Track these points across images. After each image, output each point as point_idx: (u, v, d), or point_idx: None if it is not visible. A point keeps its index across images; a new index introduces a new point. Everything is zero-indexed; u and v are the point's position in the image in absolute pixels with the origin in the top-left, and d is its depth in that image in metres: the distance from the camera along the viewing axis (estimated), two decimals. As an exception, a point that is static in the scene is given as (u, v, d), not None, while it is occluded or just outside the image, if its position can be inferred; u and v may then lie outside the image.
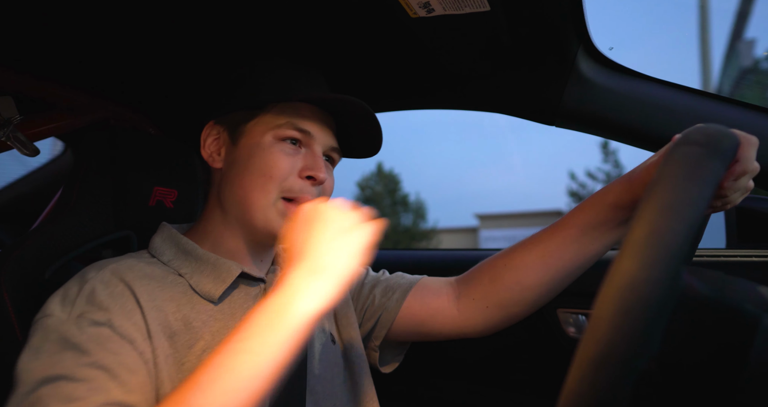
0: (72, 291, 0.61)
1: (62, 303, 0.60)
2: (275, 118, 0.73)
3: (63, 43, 0.79)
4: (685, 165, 0.38)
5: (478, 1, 0.70)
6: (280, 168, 0.71)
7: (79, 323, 0.57)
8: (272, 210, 0.71)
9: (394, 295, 0.87)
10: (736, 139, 0.45)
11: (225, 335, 0.67)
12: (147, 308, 0.62)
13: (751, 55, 8.83)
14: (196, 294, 0.69)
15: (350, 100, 0.74)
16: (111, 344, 0.57)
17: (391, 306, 0.86)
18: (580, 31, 0.84)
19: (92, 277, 0.62)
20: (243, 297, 0.73)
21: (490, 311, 0.82)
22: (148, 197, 0.92)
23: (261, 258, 0.78)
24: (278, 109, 0.74)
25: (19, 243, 0.79)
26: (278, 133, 0.73)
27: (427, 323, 0.85)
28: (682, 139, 0.42)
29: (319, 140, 0.75)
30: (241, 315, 0.70)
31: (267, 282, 0.76)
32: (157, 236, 0.76)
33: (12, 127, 0.84)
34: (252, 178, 0.71)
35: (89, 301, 0.59)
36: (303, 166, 0.73)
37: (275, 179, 0.71)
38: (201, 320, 0.66)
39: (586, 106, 0.92)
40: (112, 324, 0.58)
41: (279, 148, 0.72)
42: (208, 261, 0.71)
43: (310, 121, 0.74)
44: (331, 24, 0.81)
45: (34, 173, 1.52)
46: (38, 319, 0.60)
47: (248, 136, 0.74)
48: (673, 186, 0.36)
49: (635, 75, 0.91)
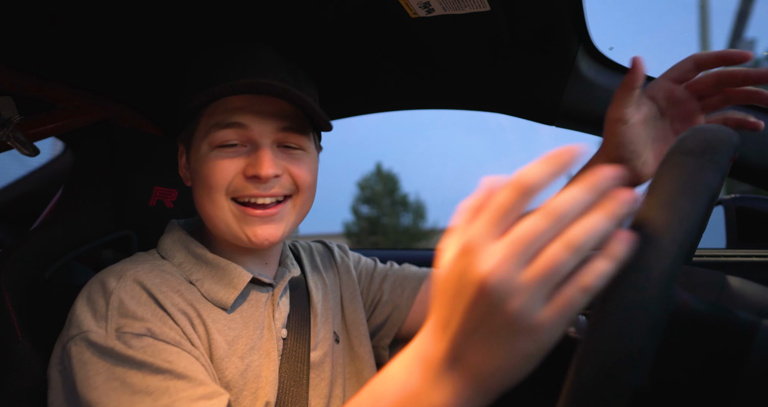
0: (99, 304, 0.60)
1: (95, 318, 0.59)
2: (206, 122, 0.67)
3: (63, 42, 0.79)
4: (678, 179, 0.37)
5: (478, 1, 0.70)
6: (219, 175, 0.65)
7: (121, 338, 0.57)
8: (230, 218, 0.67)
9: (405, 291, 0.85)
10: (736, 140, 0.45)
11: (240, 344, 0.67)
12: (174, 314, 0.62)
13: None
14: (209, 303, 0.68)
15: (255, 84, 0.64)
16: (160, 351, 0.56)
17: (402, 304, 0.85)
18: (580, 31, 0.84)
19: (115, 288, 0.61)
20: (254, 305, 0.71)
21: None
22: (148, 197, 0.92)
23: (264, 262, 0.76)
24: (208, 112, 0.67)
25: (19, 243, 0.79)
26: (211, 139, 0.66)
27: None
28: (677, 146, 0.41)
29: (260, 129, 0.66)
30: (254, 324, 0.70)
31: (276, 287, 0.75)
32: (167, 237, 0.74)
33: (12, 127, 0.84)
34: (200, 192, 0.68)
35: (122, 314, 0.58)
36: (245, 166, 0.66)
37: (218, 187, 0.66)
38: (217, 328, 0.66)
39: (586, 106, 0.92)
40: (153, 332, 0.58)
41: (214, 155, 0.66)
42: (218, 266, 0.70)
43: (241, 112, 0.66)
44: (332, 24, 0.81)
45: (34, 173, 1.52)
46: (75, 335, 0.58)
47: (193, 150, 0.70)
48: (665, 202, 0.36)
49: (635, 75, 0.90)
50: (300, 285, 0.81)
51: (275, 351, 0.70)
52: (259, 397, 0.66)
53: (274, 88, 0.64)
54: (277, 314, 0.73)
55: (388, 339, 0.87)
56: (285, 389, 0.68)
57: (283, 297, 0.75)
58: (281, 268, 0.78)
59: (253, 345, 0.68)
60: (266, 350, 0.69)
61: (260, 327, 0.70)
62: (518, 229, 0.32)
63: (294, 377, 0.70)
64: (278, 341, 0.71)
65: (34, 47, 0.79)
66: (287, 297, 0.76)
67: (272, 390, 0.67)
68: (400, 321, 0.85)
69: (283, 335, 0.72)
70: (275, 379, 0.68)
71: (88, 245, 0.87)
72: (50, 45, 0.79)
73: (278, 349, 0.71)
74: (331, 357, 0.77)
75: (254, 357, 0.67)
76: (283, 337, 0.72)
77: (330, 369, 0.76)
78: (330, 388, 0.75)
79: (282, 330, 0.72)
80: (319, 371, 0.74)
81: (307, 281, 0.83)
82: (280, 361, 0.70)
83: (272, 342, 0.70)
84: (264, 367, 0.68)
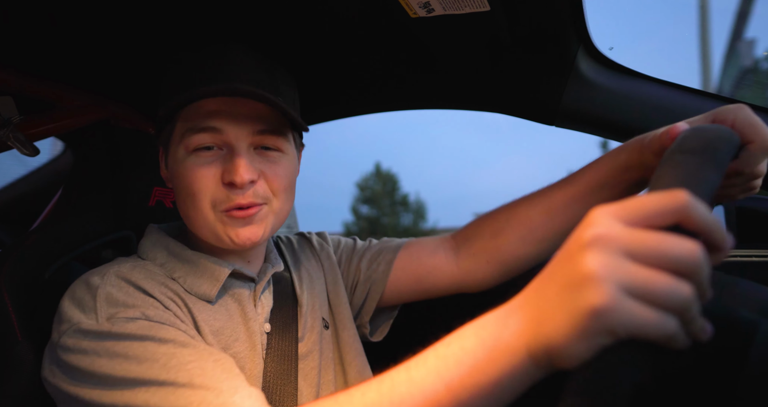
0: (86, 300, 0.60)
1: (84, 312, 0.58)
2: (182, 126, 0.66)
3: (63, 42, 0.79)
4: (680, 176, 0.38)
5: (478, 1, 0.70)
6: (199, 184, 0.65)
7: (114, 322, 0.56)
8: (216, 225, 0.67)
9: (380, 265, 0.86)
10: (736, 140, 0.45)
11: (224, 335, 0.67)
12: (165, 301, 0.63)
13: (751, 55, 8.82)
14: (193, 296, 0.68)
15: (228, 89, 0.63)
16: (159, 329, 0.56)
17: (378, 278, 0.85)
18: (580, 31, 0.84)
19: (100, 284, 0.61)
20: (237, 298, 0.72)
21: (491, 266, 0.81)
22: (148, 197, 0.92)
23: (247, 260, 0.77)
24: (183, 115, 0.67)
25: (19, 243, 0.79)
26: (186, 143, 0.65)
27: (424, 281, 0.85)
28: (678, 144, 0.41)
29: (235, 133, 0.65)
30: (237, 317, 0.70)
31: (257, 282, 0.75)
32: (146, 240, 0.74)
33: (12, 127, 0.84)
34: (182, 198, 0.68)
35: (112, 304, 0.59)
36: (222, 172, 0.65)
37: (200, 195, 0.65)
38: (202, 319, 0.66)
39: (586, 106, 0.92)
40: (147, 315, 0.58)
41: (192, 161, 0.65)
42: (198, 262, 0.70)
43: (217, 115, 0.64)
44: (332, 24, 0.81)
45: (34, 173, 1.52)
46: (66, 330, 0.58)
47: (171, 154, 0.69)
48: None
49: (635, 75, 0.90)
50: (283, 279, 0.81)
51: (258, 345, 0.70)
52: None
53: (248, 92, 0.63)
54: (260, 309, 0.73)
55: (368, 316, 0.87)
56: (270, 387, 0.68)
57: (265, 292, 0.76)
58: (265, 264, 0.78)
59: (237, 337, 0.68)
60: (251, 342, 0.69)
61: (244, 319, 0.70)
62: (657, 241, 0.32)
63: (281, 375, 0.70)
64: (261, 335, 0.71)
65: (34, 47, 0.79)
66: (270, 291, 0.76)
67: (256, 382, 0.67)
68: (378, 294, 0.85)
69: (266, 329, 0.72)
70: (259, 374, 0.68)
71: (88, 245, 0.87)
72: (50, 45, 0.79)
73: (262, 343, 0.71)
74: (320, 345, 0.78)
75: (239, 349, 0.68)
76: (266, 332, 0.72)
77: (318, 357, 0.77)
78: (318, 378, 0.75)
79: (265, 325, 0.73)
80: (309, 360, 0.75)
81: (291, 275, 0.83)
82: (264, 357, 0.70)
83: (256, 336, 0.70)
84: (248, 360, 0.68)
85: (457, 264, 0.83)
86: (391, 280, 0.85)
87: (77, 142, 1.26)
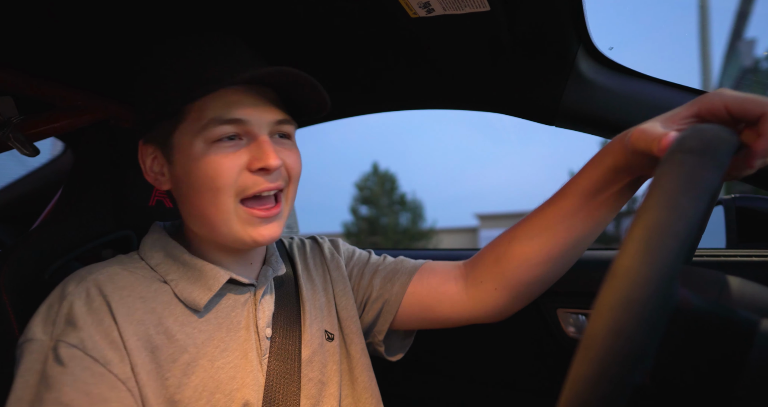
0: (53, 308, 0.61)
1: (44, 323, 0.61)
2: (198, 118, 0.64)
3: (63, 42, 0.79)
4: (679, 177, 0.37)
5: (478, 1, 0.70)
6: (224, 174, 0.63)
7: (55, 350, 0.58)
8: (234, 221, 0.65)
9: (394, 286, 0.84)
10: (736, 141, 0.45)
11: (210, 347, 0.66)
12: (124, 323, 0.61)
13: (751, 55, 8.83)
14: (181, 304, 0.67)
15: (271, 72, 0.63)
16: (82, 370, 0.58)
17: (392, 299, 0.84)
18: (580, 31, 0.84)
19: (71, 292, 0.62)
20: (231, 306, 0.71)
21: (498, 293, 0.78)
22: (148, 197, 0.92)
23: (249, 262, 0.76)
24: (198, 106, 0.64)
25: (19, 243, 0.79)
26: (207, 135, 0.63)
27: (434, 309, 0.82)
28: (678, 144, 0.41)
29: (259, 122, 0.65)
30: (228, 326, 0.69)
31: (257, 287, 0.74)
32: (148, 237, 0.74)
33: (12, 127, 0.84)
34: (199, 194, 0.65)
35: (67, 321, 0.60)
36: (249, 159, 0.64)
37: (224, 188, 0.63)
38: (185, 332, 0.65)
39: (586, 106, 0.92)
40: (84, 346, 0.59)
41: (214, 152, 0.63)
42: (195, 267, 0.69)
43: (239, 106, 0.64)
44: (331, 25, 0.81)
45: (34, 173, 1.52)
46: (21, 343, 0.60)
47: (178, 150, 0.66)
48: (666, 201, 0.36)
49: (635, 75, 0.91)
50: (287, 282, 0.80)
51: (253, 352, 0.69)
52: (235, 399, 0.65)
53: (297, 75, 0.64)
54: (260, 313, 0.72)
55: (382, 335, 0.86)
56: (274, 387, 0.68)
57: (267, 296, 0.75)
58: (265, 267, 0.77)
59: (226, 347, 0.67)
60: (243, 351, 0.68)
61: (237, 328, 0.69)
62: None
63: (284, 374, 0.70)
64: (262, 341, 0.71)
65: (34, 47, 0.79)
66: (271, 295, 0.76)
67: (252, 390, 0.67)
68: (391, 315, 0.84)
69: (267, 334, 0.72)
70: (255, 380, 0.68)
71: (88, 245, 0.87)
72: (50, 45, 0.79)
73: (261, 349, 0.70)
74: (321, 357, 0.77)
75: (228, 359, 0.67)
76: (268, 336, 0.72)
77: (319, 369, 0.75)
78: (319, 388, 0.74)
79: (266, 330, 0.72)
80: (307, 370, 0.74)
81: (298, 278, 0.82)
82: (267, 360, 0.70)
83: (250, 343, 0.69)
84: (240, 369, 0.67)
85: (467, 293, 0.81)
86: (403, 305, 0.84)
87: (77, 142, 1.26)
